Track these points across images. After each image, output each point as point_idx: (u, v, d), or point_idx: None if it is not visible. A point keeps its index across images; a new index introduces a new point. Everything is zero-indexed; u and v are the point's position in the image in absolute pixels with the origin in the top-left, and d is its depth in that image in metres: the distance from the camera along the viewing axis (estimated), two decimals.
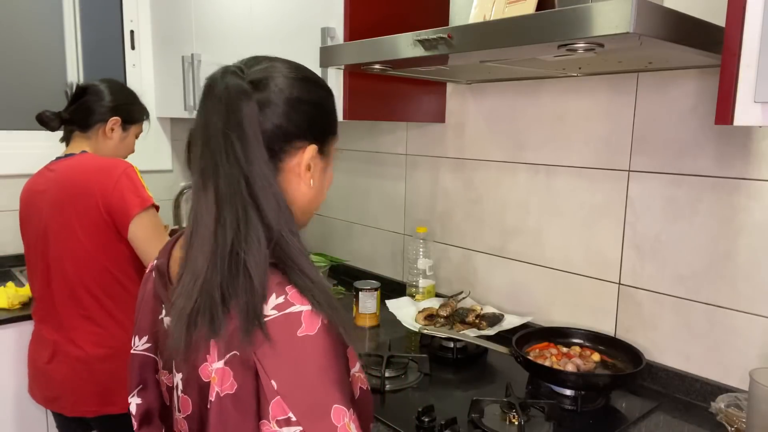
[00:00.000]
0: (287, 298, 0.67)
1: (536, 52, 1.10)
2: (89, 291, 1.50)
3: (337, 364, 0.67)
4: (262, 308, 0.67)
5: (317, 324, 0.66)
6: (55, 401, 1.55)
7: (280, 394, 0.64)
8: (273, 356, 0.65)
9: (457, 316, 1.63)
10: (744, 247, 1.24)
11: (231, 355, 0.68)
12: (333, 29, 1.58)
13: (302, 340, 0.65)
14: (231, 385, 0.68)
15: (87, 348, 1.50)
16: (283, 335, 0.66)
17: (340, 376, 0.67)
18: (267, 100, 0.72)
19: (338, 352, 0.68)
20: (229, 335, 0.67)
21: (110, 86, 1.66)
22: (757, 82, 0.86)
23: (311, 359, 0.65)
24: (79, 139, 1.63)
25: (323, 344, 0.66)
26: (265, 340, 0.65)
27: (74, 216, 1.47)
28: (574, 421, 1.23)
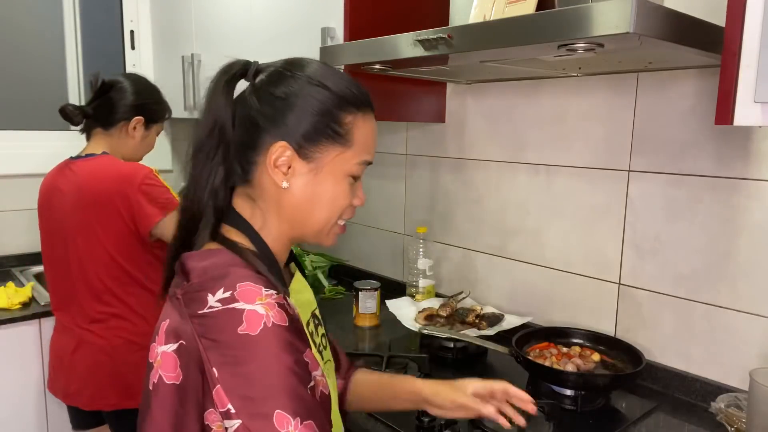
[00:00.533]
0: (234, 294, 0.67)
1: (536, 52, 1.10)
2: (111, 291, 1.53)
3: (280, 368, 0.64)
4: (198, 296, 0.68)
5: (259, 326, 0.65)
6: (74, 394, 1.57)
7: (220, 382, 0.64)
8: (215, 348, 0.65)
9: (457, 316, 1.63)
10: (744, 247, 1.24)
11: (179, 344, 0.68)
12: (333, 29, 1.58)
13: (242, 338, 0.64)
14: (177, 375, 0.68)
15: (111, 339, 1.53)
16: (223, 330, 0.65)
17: (285, 381, 0.64)
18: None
19: (283, 358, 0.65)
20: (177, 320, 0.69)
21: (135, 84, 1.65)
22: (757, 82, 0.86)
23: (253, 359, 0.64)
24: (100, 136, 1.63)
25: (265, 346, 0.65)
26: (208, 331, 0.66)
27: (96, 222, 1.49)
28: (574, 421, 1.23)
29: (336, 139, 0.76)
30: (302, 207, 0.77)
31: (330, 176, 0.77)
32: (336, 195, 0.78)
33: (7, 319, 1.78)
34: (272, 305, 0.67)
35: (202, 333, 0.66)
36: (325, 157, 0.76)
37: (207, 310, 0.67)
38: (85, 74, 2.72)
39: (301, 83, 0.75)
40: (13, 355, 1.80)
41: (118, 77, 1.65)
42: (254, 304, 0.66)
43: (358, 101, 0.78)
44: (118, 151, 1.63)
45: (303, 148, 0.75)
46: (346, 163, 0.77)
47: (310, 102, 0.75)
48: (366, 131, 0.79)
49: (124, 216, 1.48)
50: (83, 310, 1.55)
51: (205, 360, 0.65)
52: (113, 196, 1.48)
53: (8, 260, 2.26)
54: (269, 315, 0.66)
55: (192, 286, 0.70)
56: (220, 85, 0.76)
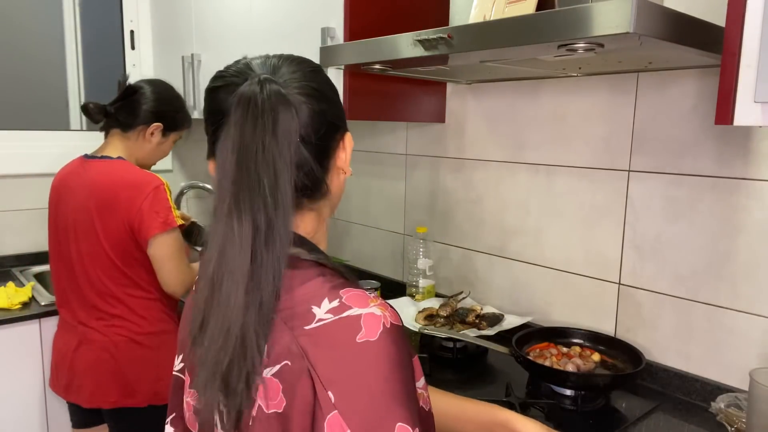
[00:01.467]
0: (342, 301, 0.61)
1: (536, 52, 1.10)
2: (111, 291, 1.54)
3: (402, 374, 0.59)
4: (300, 311, 0.61)
5: (378, 328, 0.59)
6: (74, 391, 1.58)
7: (337, 408, 0.57)
8: (329, 365, 0.58)
9: (457, 316, 1.63)
10: (744, 247, 1.24)
11: (282, 365, 0.60)
12: (333, 29, 1.58)
13: (362, 346, 0.58)
14: (279, 402, 0.60)
15: (113, 337, 1.54)
16: (339, 341, 0.59)
17: (406, 388, 0.59)
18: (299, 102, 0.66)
19: (403, 362, 0.60)
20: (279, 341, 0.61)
21: (160, 91, 1.67)
22: (757, 82, 0.86)
23: (373, 368, 0.58)
24: (117, 137, 1.64)
25: (386, 351, 0.59)
26: (320, 347, 0.59)
27: (99, 223, 1.51)
28: (574, 421, 1.23)
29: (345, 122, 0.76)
30: (341, 191, 0.75)
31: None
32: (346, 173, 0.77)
33: (7, 319, 1.78)
34: (385, 305, 0.62)
35: (313, 351, 0.59)
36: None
37: (316, 324, 0.60)
38: (85, 74, 2.72)
39: (325, 77, 0.73)
40: (14, 355, 1.81)
41: (143, 82, 1.66)
42: (369, 307, 0.60)
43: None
44: (133, 155, 1.64)
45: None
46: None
47: (336, 92, 0.74)
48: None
49: (125, 222, 1.49)
50: (85, 307, 1.56)
51: (317, 381, 0.58)
52: (120, 202, 1.49)
53: (8, 260, 2.26)
54: (386, 315, 0.60)
55: (287, 302, 0.62)
56: (276, 103, 0.63)
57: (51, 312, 1.83)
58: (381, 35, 1.27)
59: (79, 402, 1.58)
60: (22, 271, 2.20)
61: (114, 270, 1.53)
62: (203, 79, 2.20)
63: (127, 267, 1.53)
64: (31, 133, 2.33)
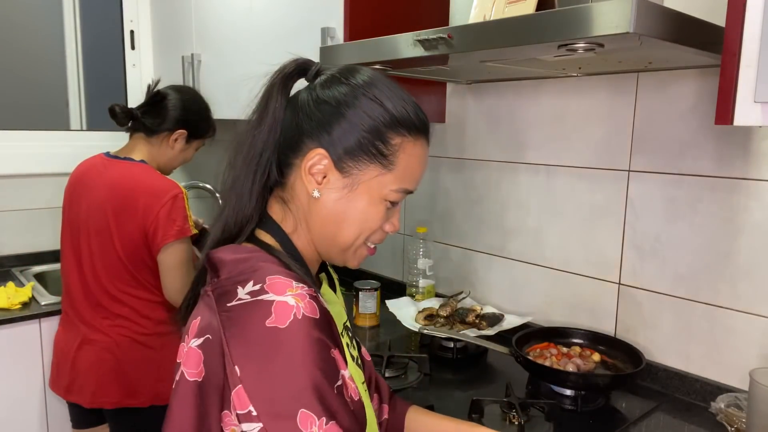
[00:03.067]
0: (263, 286, 0.64)
1: (536, 52, 1.10)
2: (118, 291, 1.55)
3: (311, 364, 0.61)
4: (228, 290, 0.66)
5: (288, 317, 0.62)
6: (76, 390, 1.58)
7: (242, 382, 0.61)
8: (240, 342, 0.62)
9: (457, 316, 1.63)
10: (744, 247, 1.24)
11: (204, 338, 0.66)
12: (333, 29, 1.58)
13: (270, 330, 0.61)
14: (200, 372, 0.65)
15: (115, 337, 1.55)
16: (250, 322, 0.62)
17: (312, 377, 0.61)
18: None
19: (314, 353, 0.62)
20: (207, 316, 0.67)
21: (186, 98, 1.69)
22: (757, 82, 0.86)
23: (279, 354, 0.61)
24: (141, 141, 1.65)
25: (295, 340, 0.61)
26: (234, 324, 0.63)
27: (114, 225, 1.52)
28: (574, 421, 1.23)
29: (378, 159, 0.72)
30: (330, 222, 0.74)
31: (365, 196, 0.73)
32: (367, 216, 0.74)
33: (7, 319, 1.77)
34: (303, 296, 0.64)
35: (228, 327, 0.63)
36: (363, 175, 0.72)
37: (235, 302, 0.64)
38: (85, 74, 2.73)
39: (355, 93, 0.72)
40: (14, 355, 1.80)
41: (171, 89, 1.68)
42: (284, 296, 0.63)
43: (412, 125, 0.73)
44: (155, 159, 1.66)
45: (342, 161, 0.71)
46: (384, 186, 0.73)
47: (359, 114, 0.71)
48: (413, 159, 0.74)
49: (141, 227, 1.50)
50: (91, 305, 1.57)
51: (228, 356, 0.62)
52: (138, 206, 1.50)
53: (8, 260, 2.26)
54: (299, 306, 0.63)
55: (222, 281, 0.67)
56: (277, 83, 0.74)
57: (51, 312, 1.83)
58: (381, 35, 1.27)
59: (80, 402, 1.58)
60: (22, 271, 2.20)
61: (122, 271, 1.54)
62: (203, 79, 2.20)
63: (135, 269, 1.54)
64: (31, 133, 2.33)
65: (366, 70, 0.75)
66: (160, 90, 1.66)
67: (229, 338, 0.63)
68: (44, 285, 2.07)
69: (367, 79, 0.73)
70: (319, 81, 0.75)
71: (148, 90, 1.65)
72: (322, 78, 0.75)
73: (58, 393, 1.64)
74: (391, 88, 0.74)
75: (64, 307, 1.65)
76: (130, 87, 2.62)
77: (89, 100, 2.73)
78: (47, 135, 2.37)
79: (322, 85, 0.74)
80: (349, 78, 0.73)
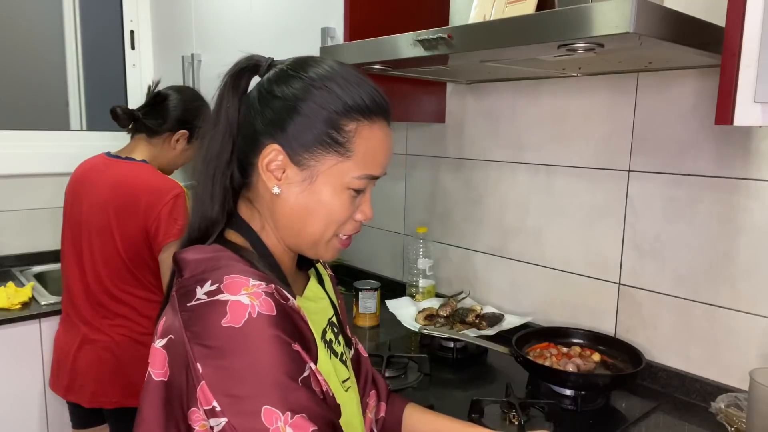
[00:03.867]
0: (221, 286, 0.64)
1: (536, 52, 1.10)
2: (119, 291, 1.55)
3: (270, 361, 0.61)
4: (189, 290, 0.66)
5: (243, 317, 0.62)
6: (76, 390, 1.58)
7: (204, 379, 0.61)
8: (199, 341, 0.63)
9: (457, 316, 1.63)
10: (744, 247, 1.24)
11: (168, 339, 0.66)
12: (333, 29, 1.58)
13: (227, 330, 0.61)
14: (165, 372, 0.66)
15: (115, 336, 1.55)
16: (207, 322, 0.63)
17: (273, 373, 0.61)
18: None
19: (273, 350, 0.62)
20: (170, 316, 0.67)
21: (187, 99, 1.69)
22: (757, 82, 0.86)
23: (237, 353, 0.61)
24: (142, 141, 1.66)
25: (251, 339, 0.61)
26: (193, 323, 0.63)
27: (116, 224, 1.52)
28: (574, 421, 1.23)
29: (334, 147, 0.70)
30: (294, 216, 0.73)
31: (326, 187, 0.71)
32: (332, 208, 0.72)
33: (7, 319, 1.78)
34: (258, 294, 0.64)
35: (188, 326, 0.64)
36: (320, 165, 0.71)
37: (194, 302, 0.64)
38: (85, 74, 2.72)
39: (304, 84, 0.71)
40: (13, 355, 1.80)
41: (172, 90, 1.68)
42: (238, 295, 0.63)
43: (366, 109, 0.71)
44: (156, 159, 1.66)
45: (297, 154, 0.71)
46: (344, 174, 0.71)
47: (309, 105, 0.70)
48: (372, 143, 0.72)
49: (143, 226, 1.51)
50: (91, 305, 1.57)
51: (190, 355, 0.63)
52: (140, 206, 1.51)
53: (8, 260, 2.26)
54: (254, 304, 0.63)
55: (184, 281, 0.68)
56: (228, 81, 0.74)
57: (51, 312, 1.83)
58: (381, 35, 1.27)
59: (80, 402, 1.58)
60: (22, 271, 2.20)
61: (123, 270, 1.54)
62: (203, 79, 2.20)
63: (136, 268, 1.54)
64: (31, 133, 2.33)
65: (318, 60, 0.74)
66: (161, 91, 1.66)
67: (189, 337, 0.63)
68: (44, 285, 2.07)
69: (319, 70, 0.72)
70: (269, 76, 0.74)
71: (149, 91, 1.66)
72: (271, 73, 0.74)
73: (57, 393, 1.64)
74: (344, 75, 0.72)
75: (65, 307, 1.65)
76: (130, 87, 2.62)
77: (89, 100, 2.73)
78: (47, 135, 2.38)
79: (273, 81, 0.73)
80: (299, 71, 0.72)
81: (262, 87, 0.74)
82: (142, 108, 1.65)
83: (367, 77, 0.75)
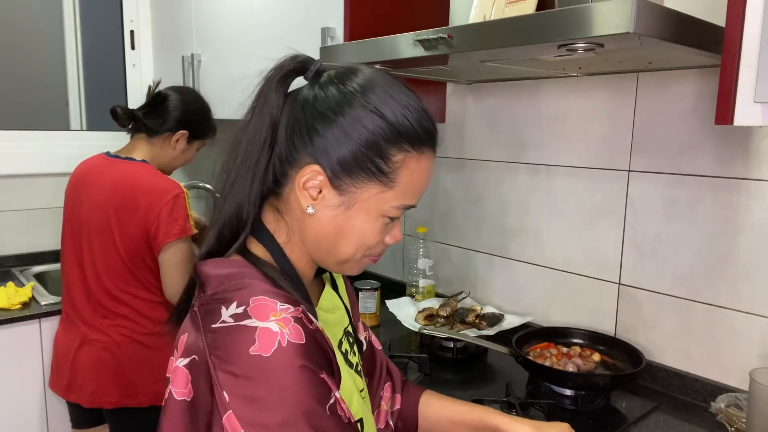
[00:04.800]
0: (247, 308, 0.62)
1: (536, 52, 1.10)
2: (119, 291, 1.55)
3: (299, 392, 0.60)
4: (213, 309, 0.64)
5: (273, 345, 0.59)
6: (76, 390, 1.58)
7: (232, 408, 0.59)
8: (226, 368, 0.60)
9: (457, 316, 1.63)
10: (744, 247, 1.24)
11: (191, 359, 0.64)
12: (333, 29, 1.58)
13: (255, 360, 0.59)
14: (188, 392, 0.64)
15: (115, 337, 1.55)
16: (234, 348, 0.60)
17: (303, 405, 0.60)
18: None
19: (302, 379, 0.60)
20: (193, 334, 0.65)
21: (188, 99, 1.69)
22: (757, 82, 0.86)
23: (266, 382, 0.59)
24: (142, 141, 1.66)
25: (280, 369, 0.59)
26: (218, 347, 0.61)
27: (116, 224, 1.52)
28: (574, 421, 1.22)
29: (378, 176, 0.67)
30: (326, 238, 0.70)
31: (362, 213, 0.69)
32: (365, 233, 0.70)
33: (7, 319, 1.77)
34: (287, 321, 0.61)
35: (213, 350, 0.61)
36: (360, 193, 0.68)
37: (219, 324, 0.62)
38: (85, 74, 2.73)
39: (353, 103, 0.66)
40: (13, 355, 1.80)
41: (172, 90, 1.68)
42: (268, 321, 0.61)
43: (416, 138, 0.68)
44: (156, 160, 1.66)
45: (338, 178, 0.67)
46: (383, 204, 0.69)
47: (357, 128, 0.65)
48: (417, 174, 0.69)
49: (143, 226, 1.51)
50: (91, 305, 1.57)
51: (215, 380, 0.60)
52: (140, 206, 1.51)
53: (8, 260, 2.26)
54: (284, 332, 0.60)
55: (207, 297, 0.65)
56: (274, 82, 0.68)
57: (51, 312, 1.83)
58: (381, 35, 1.27)
59: (80, 402, 1.58)
60: (22, 271, 2.20)
61: (123, 270, 1.54)
62: (203, 79, 2.20)
63: (136, 269, 1.54)
64: (31, 133, 2.33)
65: (367, 72, 0.70)
66: (161, 91, 1.66)
67: (215, 362, 0.61)
68: (44, 285, 2.07)
69: (366, 84, 0.68)
70: (318, 83, 0.70)
71: (149, 91, 1.66)
72: (320, 80, 0.70)
73: (57, 393, 1.64)
74: (393, 93, 0.68)
75: (64, 307, 1.65)
76: (130, 87, 2.62)
77: (89, 100, 2.73)
78: (47, 135, 2.37)
79: (319, 89, 0.69)
80: (346, 82, 0.68)
81: (309, 99, 0.69)
82: (142, 108, 1.65)
83: (418, 97, 0.71)
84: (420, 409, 0.95)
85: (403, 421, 0.95)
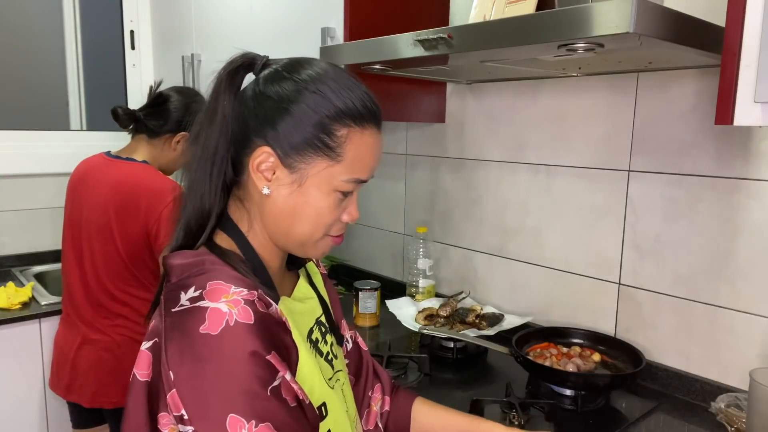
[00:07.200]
0: (203, 292, 0.65)
1: (536, 52, 1.10)
2: (119, 291, 1.55)
3: (243, 370, 0.62)
4: (174, 295, 0.67)
5: (220, 324, 0.62)
6: (76, 390, 1.58)
7: (175, 386, 0.62)
8: (175, 348, 0.63)
9: (457, 316, 1.63)
10: (744, 247, 1.24)
11: (153, 341, 0.68)
12: (333, 29, 1.58)
13: (204, 337, 0.62)
14: (148, 373, 0.68)
15: (115, 336, 1.55)
16: (186, 328, 0.63)
17: (243, 382, 0.61)
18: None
19: (248, 358, 0.62)
20: (158, 320, 0.68)
21: (188, 101, 1.68)
22: (757, 82, 0.86)
23: (210, 360, 0.62)
24: (143, 142, 1.66)
25: (227, 347, 0.62)
26: (173, 329, 0.64)
27: (116, 225, 1.52)
28: (574, 421, 1.23)
29: (324, 151, 0.71)
30: (283, 217, 0.74)
31: (314, 189, 0.72)
32: (320, 210, 0.73)
33: (7, 319, 1.78)
34: (237, 302, 0.64)
35: (168, 331, 0.65)
36: (310, 168, 0.71)
37: (177, 308, 0.65)
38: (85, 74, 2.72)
39: (297, 87, 0.71)
40: (14, 355, 1.81)
41: (173, 91, 1.68)
42: (218, 302, 0.64)
43: (358, 114, 0.72)
44: (157, 161, 1.66)
45: (288, 157, 0.71)
46: (333, 178, 0.72)
47: (302, 108, 0.70)
48: (362, 148, 0.73)
49: (143, 227, 1.51)
50: (91, 305, 1.57)
51: (163, 360, 0.63)
52: (141, 207, 1.51)
53: (8, 260, 2.26)
54: (232, 312, 0.63)
55: (171, 285, 0.69)
56: (223, 78, 0.73)
57: (51, 312, 1.83)
58: (381, 35, 1.27)
59: (80, 402, 1.58)
60: (22, 271, 2.20)
61: (124, 271, 1.54)
62: (203, 79, 2.20)
63: (136, 269, 1.54)
64: (31, 133, 2.33)
65: (312, 63, 0.74)
66: (163, 92, 1.66)
67: (166, 343, 0.64)
68: (44, 285, 2.07)
69: (312, 73, 0.72)
70: (264, 75, 0.74)
71: (151, 92, 1.65)
72: (266, 72, 0.74)
73: (58, 393, 1.64)
74: (337, 78, 0.72)
75: (65, 307, 1.65)
76: (130, 87, 2.62)
77: (89, 100, 2.73)
78: (47, 135, 2.38)
79: (266, 80, 0.73)
80: (293, 72, 0.72)
81: (256, 86, 0.74)
82: (143, 109, 1.65)
83: (360, 81, 0.75)
84: (413, 414, 0.97)
85: (394, 425, 0.97)
